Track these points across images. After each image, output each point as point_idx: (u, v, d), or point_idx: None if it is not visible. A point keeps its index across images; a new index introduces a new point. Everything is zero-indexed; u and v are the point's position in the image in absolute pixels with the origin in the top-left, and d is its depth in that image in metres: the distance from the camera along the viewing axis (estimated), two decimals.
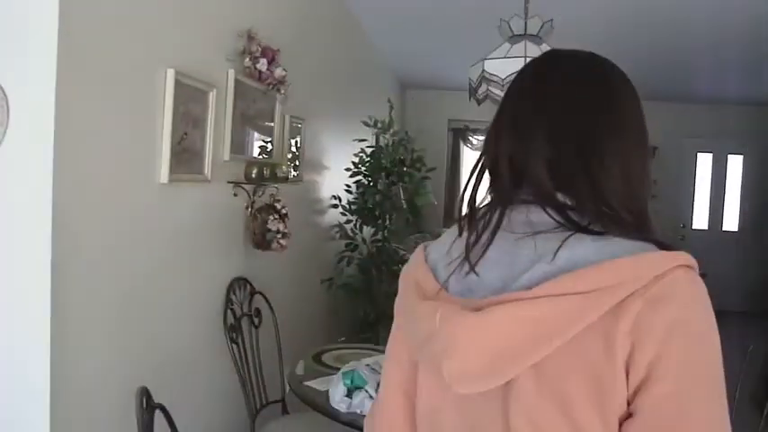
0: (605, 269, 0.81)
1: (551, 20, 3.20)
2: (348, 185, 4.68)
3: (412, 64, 7.20)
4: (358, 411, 2.19)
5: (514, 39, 3.13)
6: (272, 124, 3.25)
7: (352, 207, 4.65)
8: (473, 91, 3.20)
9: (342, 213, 4.64)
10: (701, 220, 9.38)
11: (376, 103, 5.03)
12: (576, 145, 0.92)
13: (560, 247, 0.85)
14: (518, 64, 2.97)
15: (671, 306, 0.79)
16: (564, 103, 0.94)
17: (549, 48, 3.11)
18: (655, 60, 6.60)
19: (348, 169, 4.66)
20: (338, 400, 2.23)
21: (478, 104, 3.43)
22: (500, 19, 3.22)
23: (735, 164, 9.33)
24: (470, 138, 8.99)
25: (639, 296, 0.79)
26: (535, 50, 3.04)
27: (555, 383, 0.82)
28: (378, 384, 2.19)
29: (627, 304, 0.79)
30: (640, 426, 0.78)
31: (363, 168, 4.65)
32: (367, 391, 2.21)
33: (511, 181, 0.94)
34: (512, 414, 0.85)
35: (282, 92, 3.21)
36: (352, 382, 2.24)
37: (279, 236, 2.97)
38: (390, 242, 4.75)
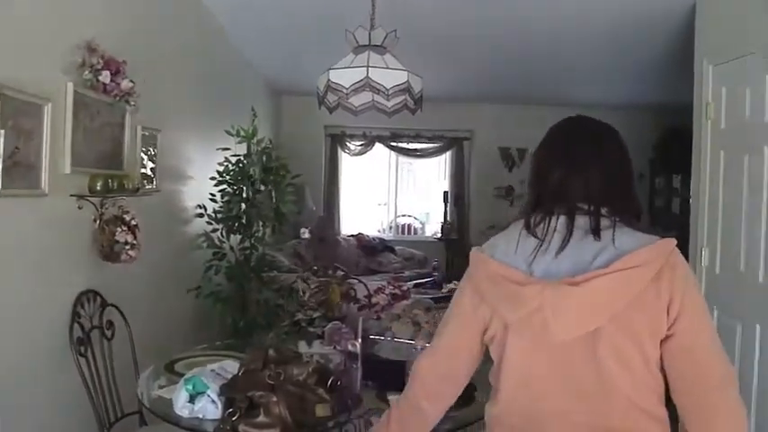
0: (645, 252, 1.34)
1: (395, 30, 3.34)
2: (213, 194, 4.68)
3: (285, 72, 7.26)
4: (200, 416, 2.22)
5: (359, 49, 3.25)
6: (122, 136, 3.24)
7: (219, 216, 4.66)
8: (321, 99, 3.30)
9: (208, 222, 4.64)
10: None
11: (245, 111, 5.05)
12: (617, 178, 1.48)
13: (613, 240, 1.37)
14: (360, 74, 3.09)
15: (679, 270, 1.37)
16: (608, 152, 1.50)
17: (392, 58, 3.27)
18: (526, 69, 6.95)
19: (213, 178, 4.67)
20: (180, 405, 2.25)
21: (330, 112, 3.53)
22: (345, 30, 3.34)
23: None
24: (348, 143, 9.12)
25: (666, 267, 1.35)
26: (378, 60, 3.17)
27: (627, 325, 1.34)
28: (220, 388, 2.25)
29: (662, 273, 1.34)
30: (677, 341, 1.35)
31: (228, 177, 4.66)
32: (209, 396, 2.25)
33: (574, 198, 1.44)
34: (600, 349, 1.35)
35: (132, 103, 3.21)
36: (194, 387, 2.27)
37: (127, 247, 2.96)
38: (258, 249, 4.78)
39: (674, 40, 5.18)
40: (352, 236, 8.79)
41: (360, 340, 2.40)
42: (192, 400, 2.26)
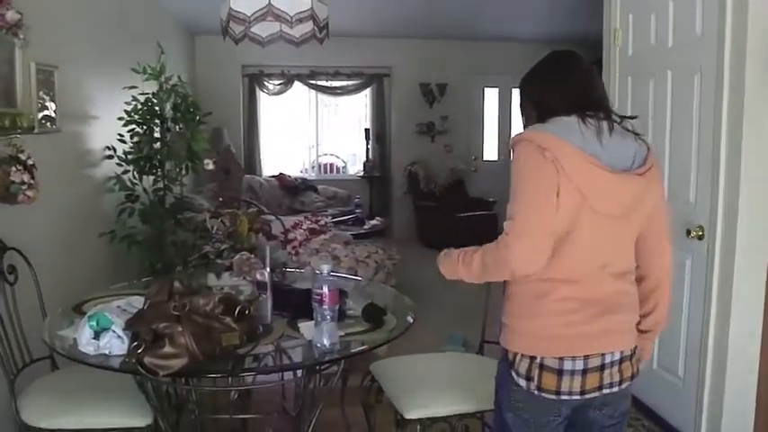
0: (651, 154, 1.83)
1: None
2: (122, 135, 4.53)
3: (198, 11, 7.01)
4: (106, 352, 2.18)
5: None
6: (12, 72, 3.07)
7: (129, 157, 4.51)
8: (224, 29, 3.20)
9: (118, 164, 4.49)
10: (491, 152, 10.00)
11: (153, 50, 4.87)
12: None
13: (636, 140, 1.83)
14: (262, 1, 3.00)
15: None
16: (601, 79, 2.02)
17: None
18: (445, 2, 6.89)
19: (121, 118, 4.50)
20: (85, 343, 2.20)
21: (236, 43, 3.44)
22: None
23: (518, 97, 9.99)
24: (266, 83, 8.94)
25: (660, 167, 1.88)
26: None
27: (646, 206, 1.82)
28: (125, 323, 2.21)
29: (660, 169, 1.87)
30: (664, 213, 1.92)
31: (137, 117, 4.51)
32: (114, 332, 2.20)
33: (606, 110, 1.81)
34: (633, 220, 1.82)
35: (21, 36, 3.04)
36: (98, 323, 2.22)
37: (24, 187, 2.84)
38: (171, 190, 4.67)
39: None
40: (273, 176, 8.71)
41: (268, 269, 2.38)
42: (96, 336, 2.21)
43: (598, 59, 4.48)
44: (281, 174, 8.78)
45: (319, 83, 9.11)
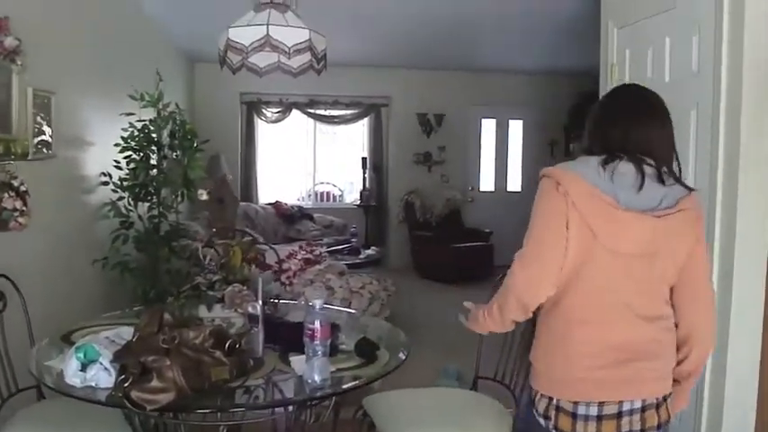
0: (692, 198, 1.80)
1: None
2: (118, 161, 4.51)
3: (198, 38, 7.04)
4: (93, 384, 2.14)
5: (260, 7, 3.15)
6: (9, 97, 3.06)
7: (125, 183, 4.49)
8: (221, 59, 3.20)
9: (113, 190, 4.47)
10: (487, 182, 10.00)
11: (152, 77, 4.88)
12: (669, 141, 1.85)
13: (670, 187, 1.78)
14: (260, 32, 3.00)
15: (703, 217, 1.88)
16: (663, 116, 1.87)
17: (294, 16, 3.19)
18: (443, 34, 6.93)
19: (117, 145, 4.49)
20: (71, 374, 2.16)
21: (233, 73, 3.42)
22: None
23: (515, 128, 10.03)
24: (264, 111, 8.96)
25: (701, 213, 1.85)
26: (279, 18, 3.08)
27: (674, 250, 1.80)
28: (113, 355, 2.17)
29: (698, 216, 1.83)
30: (691, 262, 1.84)
31: (133, 143, 4.49)
32: (101, 364, 2.16)
33: (639, 150, 1.78)
34: (657, 263, 1.78)
35: (19, 63, 3.04)
36: (85, 355, 2.18)
37: (16, 214, 2.82)
38: (167, 217, 4.65)
39: (586, 2, 5.24)
40: (270, 204, 8.70)
41: (260, 302, 2.35)
42: (83, 368, 2.17)
43: (597, 91, 4.49)
44: (277, 201, 8.77)
45: (317, 111, 9.14)
